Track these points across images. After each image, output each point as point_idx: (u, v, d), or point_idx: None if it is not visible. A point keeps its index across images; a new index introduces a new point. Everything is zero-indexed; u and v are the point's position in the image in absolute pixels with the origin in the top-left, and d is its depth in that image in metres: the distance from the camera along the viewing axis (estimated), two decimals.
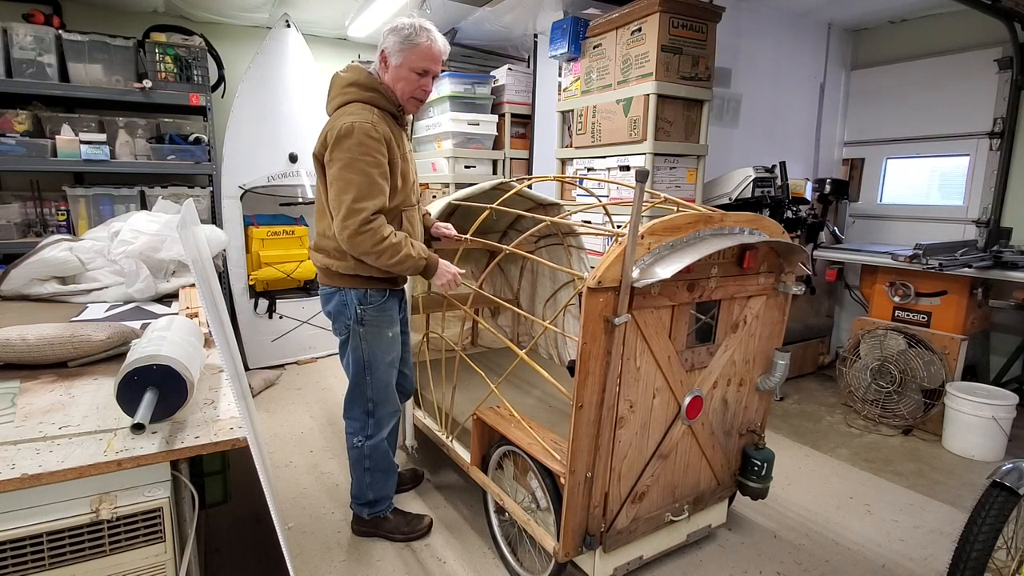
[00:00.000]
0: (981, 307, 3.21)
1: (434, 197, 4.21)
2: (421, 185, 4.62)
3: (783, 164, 3.43)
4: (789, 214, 3.58)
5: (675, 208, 1.98)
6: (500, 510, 2.05)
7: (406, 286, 2.17)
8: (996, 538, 1.41)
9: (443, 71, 4.19)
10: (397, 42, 1.80)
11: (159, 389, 1.13)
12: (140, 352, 1.17)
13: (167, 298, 2.24)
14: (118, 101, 3.29)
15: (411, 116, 2.03)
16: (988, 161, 3.57)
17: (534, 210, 2.63)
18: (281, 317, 3.98)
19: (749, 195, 3.31)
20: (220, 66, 3.86)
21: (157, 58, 3.34)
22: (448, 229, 2.25)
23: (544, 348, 3.07)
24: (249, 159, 3.75)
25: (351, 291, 1.91)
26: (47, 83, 3.11)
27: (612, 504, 1.73)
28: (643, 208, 1.49)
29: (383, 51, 1.83)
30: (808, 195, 3.78)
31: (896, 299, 3.33)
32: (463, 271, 1.96)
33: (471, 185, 2.48)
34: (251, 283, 3.85)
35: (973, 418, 2.85)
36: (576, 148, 3.24)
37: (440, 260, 1.89)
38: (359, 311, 1.92)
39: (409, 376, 2.32)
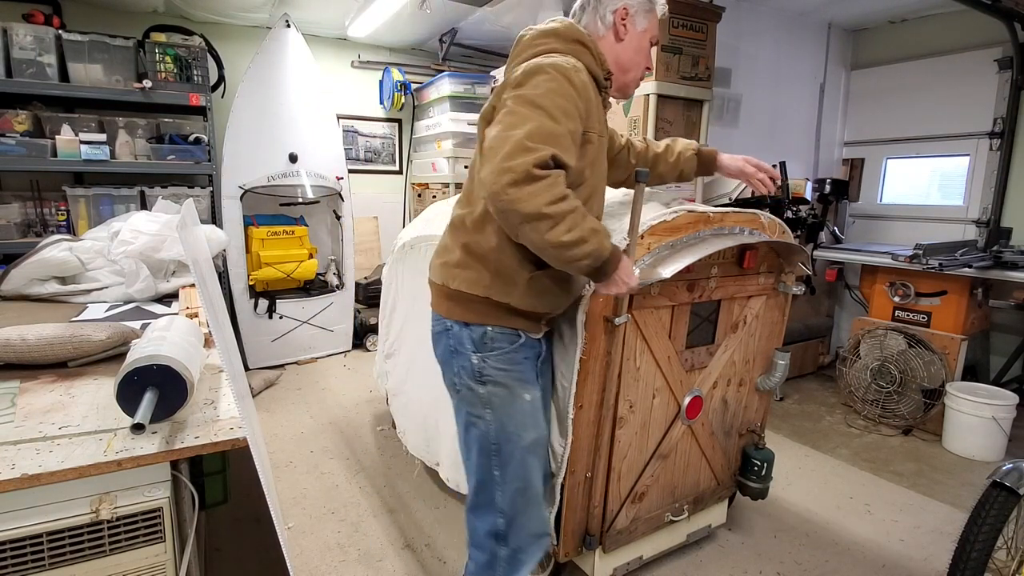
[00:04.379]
0: (981, 307, 3.21)
1: (434, 197, 4.21)
2: (420, 185, 4.67)
3: (783, 164, 3.43)
4: (789, 214, 3.58)
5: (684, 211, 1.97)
6: None
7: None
8: (996, 538, 1.41)
9: (442, 71, 4.21)
10: (643, 1, 1.35)
11: (159, 389, 1.13)
12: (140, 352, 1.17)
13: (167, 298, 2.24)
14: (118, 101, 3.29)
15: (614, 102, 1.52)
16: (988, 161, 3.57)
17: None
18: (281, 317, 3.97)
19: (749, 195, 3.31)
20: (220, 66, 3.86)
21: (157, 58, 3.33)
22: None
23: None
24: (249, 159, 3.75)
25: (465, 328, 1.32)
26: (47, 83, 3.11)
27: (612, 504, 1.73)
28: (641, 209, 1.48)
29: (624, 8, 1.34)
30: (808, 195, 3.77)
31: (896, 299, 3.33)
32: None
33: None
34: (251, 283, 3.85)
35: (973, 418, 2.85)
36: None
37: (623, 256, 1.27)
38: (475, 362, 1.32)
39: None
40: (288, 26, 3.83)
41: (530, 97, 1.17)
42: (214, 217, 3.70)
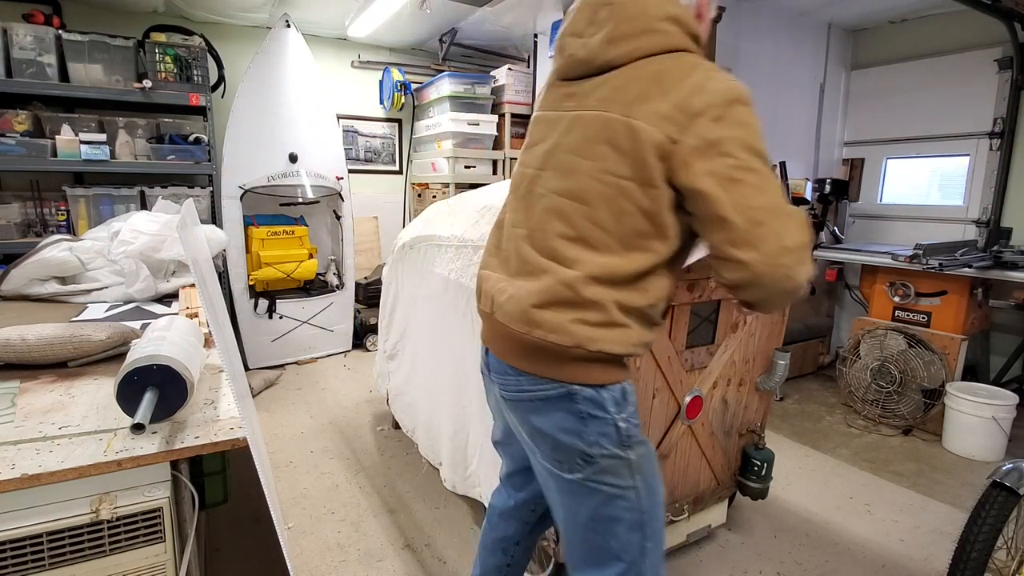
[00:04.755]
0: (981, 307, 3.21)
1: (434, 197, 4.21)
2: (420, 185, 4.67)
3: (783, 164, 3.44)
4: None
5: None
6: None
7: None
8: (996, 538, 1.41)
9: (442, 71, 4.21)
10: None
11: (159, 389, 1.13)
12: (140, 352, 1.17)
13: (167, 298, 2.24)
14: (118, 101, 3.28)
15: None
16: (988, 161, 3.58)
17: None
18: (281, 317, 3.98)
19: None
20: (220, 66, 3.86)
21: (157, 58, 3.33)
22: None
23: None
24: (249, 159, 3.75)
25: (603, 390, 1.08)
26: (47, 83, 3.10)
27: None
28: None
29: None
30: (808, 195, 3.78)
31: (896, 299, 3.33)
32: None
33: (472, 185, 2.47)
34: (251, 283, 3.85)
35: (973, 418, 2.85)
36: None
37: None
38: (622, 425, 1.09)
39: None
40: (288, 26, 3.83)
41: (752, 144, 1.02)
42: (214, 217, 3.70)
